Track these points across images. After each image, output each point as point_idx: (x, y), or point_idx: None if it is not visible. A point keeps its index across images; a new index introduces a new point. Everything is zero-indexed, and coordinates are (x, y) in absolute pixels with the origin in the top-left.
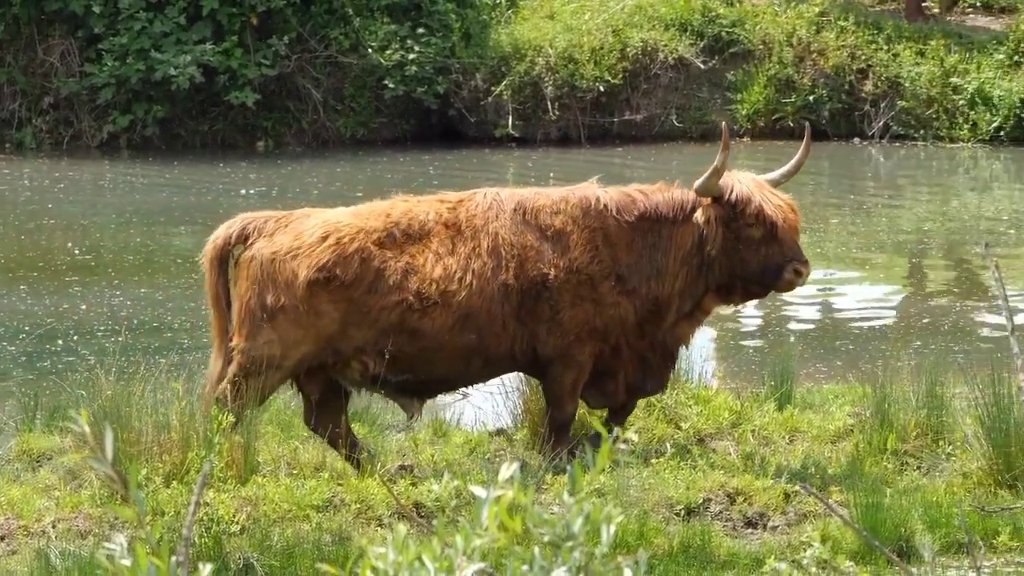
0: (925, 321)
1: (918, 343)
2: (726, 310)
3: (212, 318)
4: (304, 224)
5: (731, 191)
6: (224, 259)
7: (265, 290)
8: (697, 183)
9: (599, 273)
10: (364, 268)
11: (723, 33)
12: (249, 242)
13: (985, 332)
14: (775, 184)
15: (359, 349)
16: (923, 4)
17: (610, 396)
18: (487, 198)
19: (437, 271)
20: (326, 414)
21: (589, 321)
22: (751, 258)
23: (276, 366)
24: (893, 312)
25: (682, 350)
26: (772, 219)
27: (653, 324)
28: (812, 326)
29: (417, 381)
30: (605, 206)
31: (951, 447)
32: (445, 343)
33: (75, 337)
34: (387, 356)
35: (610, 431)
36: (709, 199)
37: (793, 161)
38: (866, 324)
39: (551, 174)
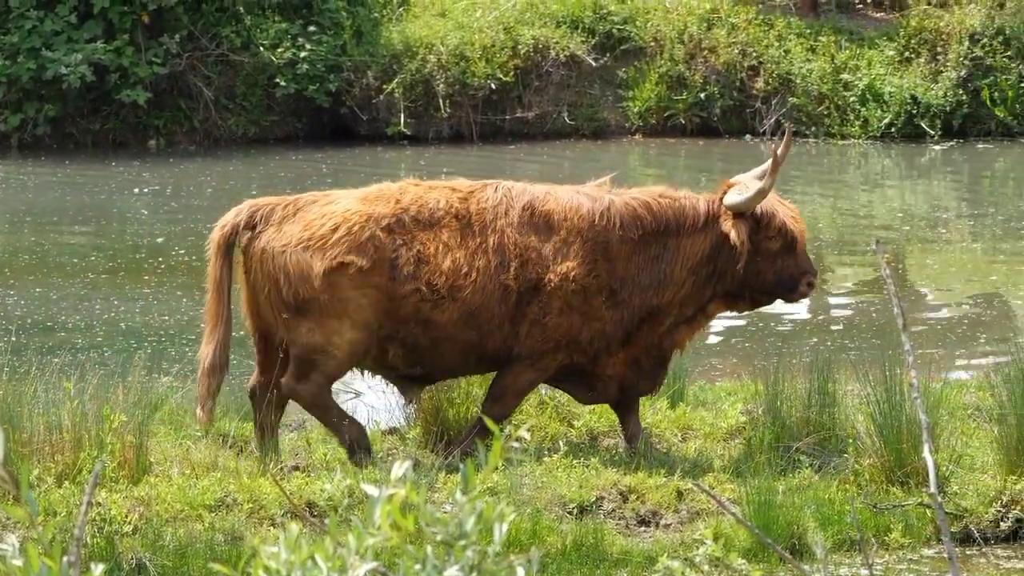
0: (820, 318)
1: (814, 340)
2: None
3: (209, 302)
4: (312, 213)
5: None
6: (231, 246)
7: (284, 285)
8: (737, 199)
9: (593, 286)
10: (380, 255)
11: (614, 30)
12: (257, 230)
13: (878, 329)
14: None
15: (385, 337)
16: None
17: (600, 395)
18: (498, 192)
19: (446, 263)
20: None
21: (573, 331)
22: (767, 270)
23: (325, 352)
24: (788, 309)
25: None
26: (793, 233)
27: (648, 329)
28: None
29: (425, 373)
30: (610, 220)
31: (843, 444)
32: (451, 336)
33: None
34: (407, 346)
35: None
36: (731, 212)
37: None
38: (761, 321)
39: (443, 172)
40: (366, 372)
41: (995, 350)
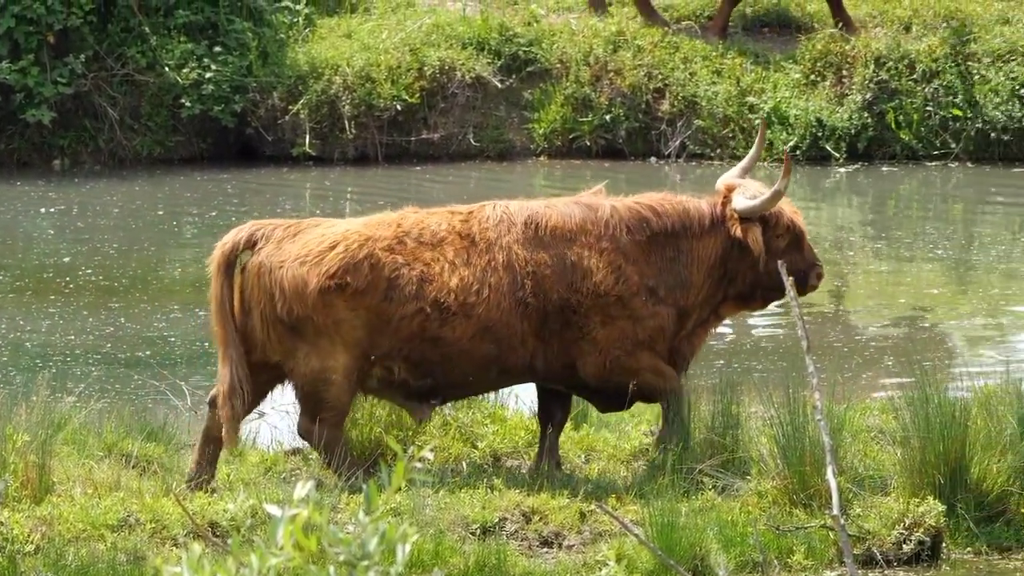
0: (727, 340)
1: (720, 362)
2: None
3: (215, 324)
4: (312, 234)
5: None
6: (231, 265)
7: (279, 301)
8: (753, 203)
9: (627, 291)
10: (376, 276)
11: (520, 52)
12: (257, 248)
13: (784, 351)
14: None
15: (385, 355)
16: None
17: (624, 403)
18: (496, 211)
19: (454, 281)
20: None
21: (628, 336)
22: (775, 267)
23: (324, 379)
24: None
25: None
26: (799, 228)
27: (673, 333)
28: None
29: (436, 384)
30: (618, 225)
31: (746, 466)
32: (466, 351)
33: None
34: (412, 362)
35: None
36: (740, 216)
37: (749, 156)
38: None
39: (348, 192)
40: (370, 397)
41: (899, 372)
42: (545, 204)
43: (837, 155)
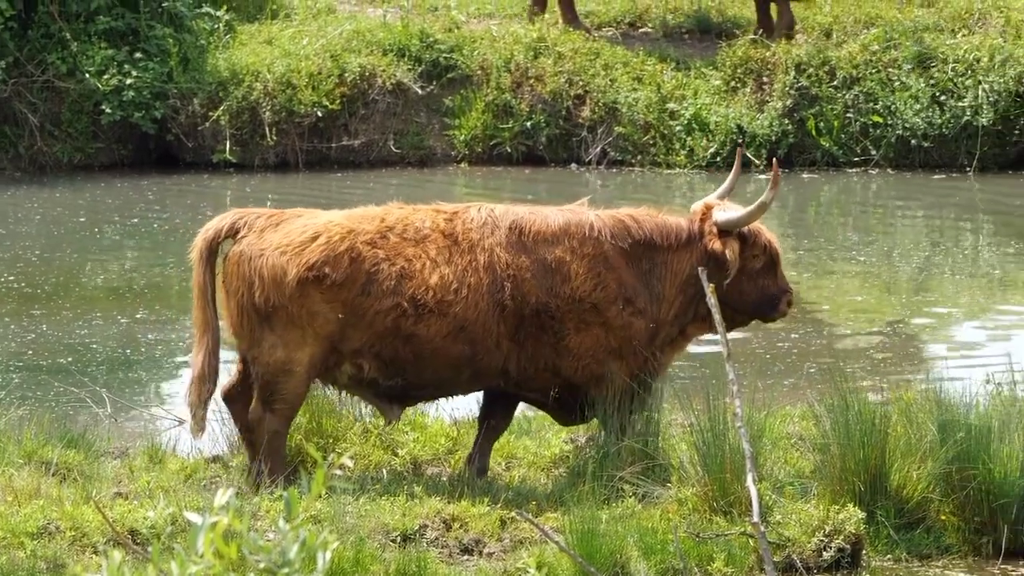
0: None
1: None
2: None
3: (195, 310)
4: (295, 224)
5: None
6: (213, 252)
7: (253, 287)
8: (734, 215)
9: (604, 299)
10: (355, 268)
11: (441, 59)
12: (239, 236)
13: (704, 358)
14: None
15: (356, 351)
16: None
17: (585, 416)
18: (481, 213)
19: (433, 279)
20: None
21: (600, 344)
22: (750, 289)
23: (286, 371)
24: None
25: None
26: (776, 252)
27: (643, 346)
28: None
29: (406, 385)
30: (601, 231)
31: (667, 473)
32: (439, 350)
33: None
34: (383, 359)
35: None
36: (718, 230)
37: (728, 180)
38: None
39: (269, 199)
40: (343, 392)
41: (820, 379)
42: (530, 210)
43: (757, 162)
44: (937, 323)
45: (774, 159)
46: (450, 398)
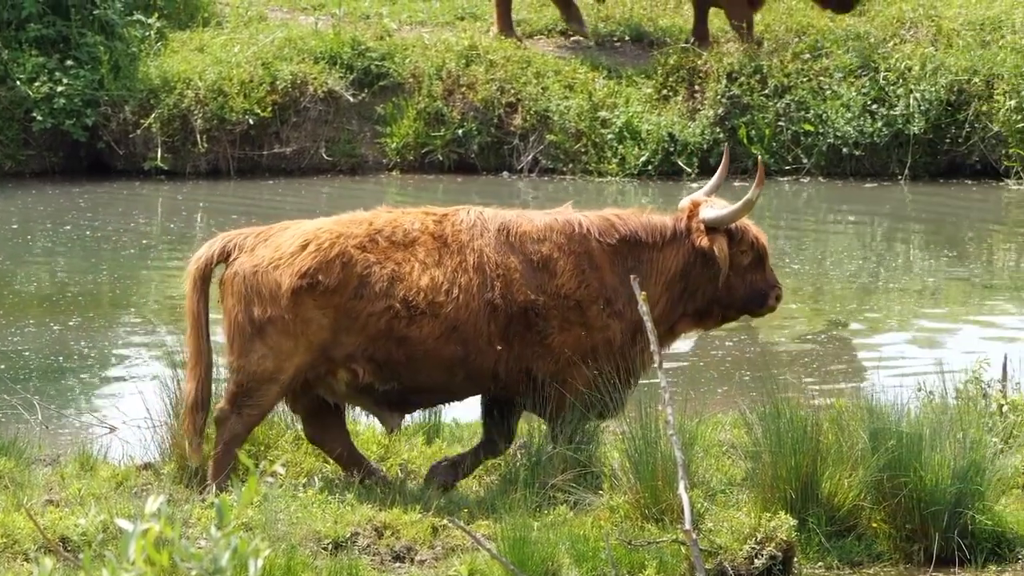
0: None
1: None
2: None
3: (188, 338)
4: (284, 236)
5: None
6: (206, 279)
7: (251, 304)
8: (721, 213)
9: (587, 297)
10: (347, 273)
11: (373, 66)
12: (231, 259)
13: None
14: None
15: (350, 356)
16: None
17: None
18: (471, 215)
19: (424, 280)
20: (329, 428)
21: (580, 345)
22: (739, 285)
23: (272, 379)
24: None
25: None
26: (763, 247)
27: (623, 347)
28: None
29: (403, 389)
30: (587, 229)
31: (599, 481)
32: (431, 351)
33: None
34: (377, 362)
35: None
36: (705, 227)
37: (716, 177)
38: None
39: (201, 207)
40: (346, 404)
41: (753, 387)
42: (518, 213)
43: (689, 170)
44: (869, 331)
45: (759, 157)
46: (448, 404)
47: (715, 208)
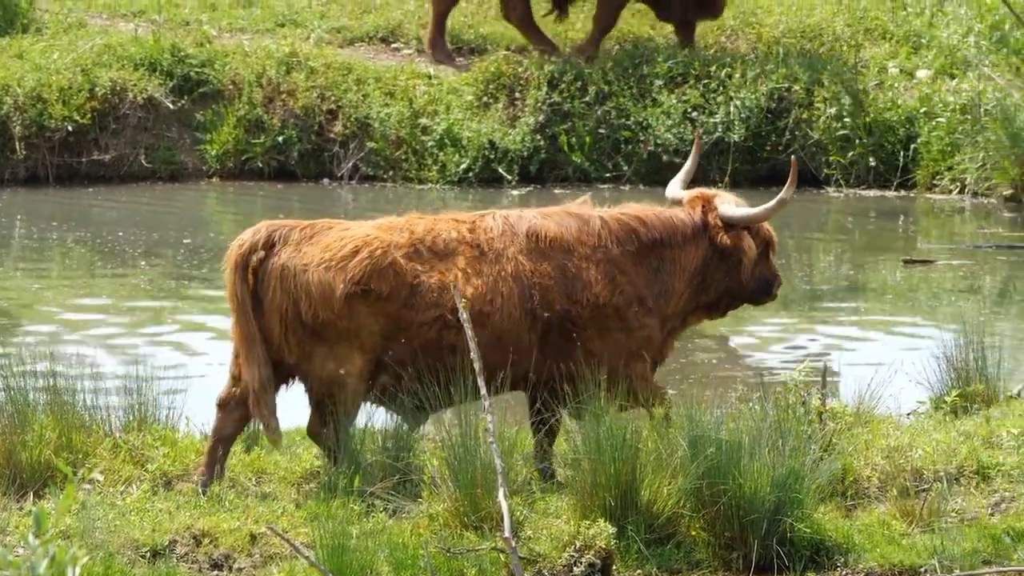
0: None
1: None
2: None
3: (236, 323)
4: (330, 236)
5: None
6: (248, 264)
7: (299, 301)
8: (753, 212)
9: (622, 302)
10: (399, 282)
11: (193, 73)
12: (275, 250)
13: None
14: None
15: (399, 362)
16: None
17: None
18: (497, 220)
19: (468, 290)
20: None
21: (622, 347)
22: (747, 276)
23: (341, 383)
24: None
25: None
26: (772, 238)
27: (660, 342)
28: None
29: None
30: (609, 236)
31: (418, 488)
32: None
33: None
34: (423, 370)
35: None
36: (723, 223)
37: (687, 166)
38: None
39: (19, 215)
40: (372, 404)
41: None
42: (541, 214)
43: (510, 177)
44: (688, 336)
45: (792, 157)
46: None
47: (740, 207)
